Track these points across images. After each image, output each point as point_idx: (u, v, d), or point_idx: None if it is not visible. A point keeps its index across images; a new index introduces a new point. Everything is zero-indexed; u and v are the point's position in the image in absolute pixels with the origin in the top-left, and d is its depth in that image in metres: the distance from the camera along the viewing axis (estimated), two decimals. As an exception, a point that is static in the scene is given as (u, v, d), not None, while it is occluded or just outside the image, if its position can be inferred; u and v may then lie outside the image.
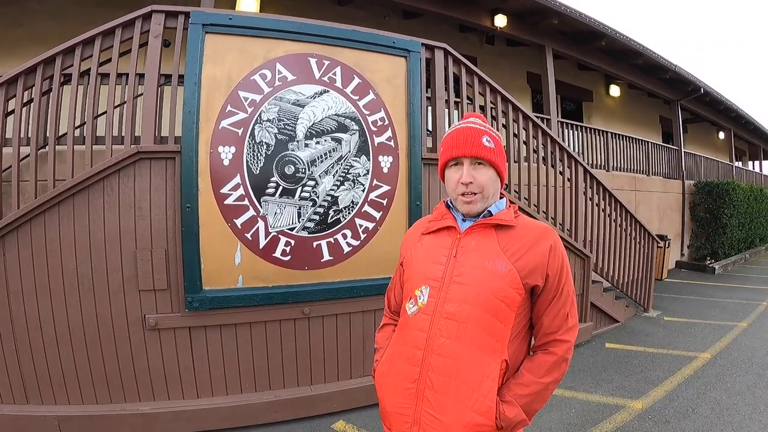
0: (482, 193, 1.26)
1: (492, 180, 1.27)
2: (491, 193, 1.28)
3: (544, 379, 1.21)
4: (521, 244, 1.24)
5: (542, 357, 1.23)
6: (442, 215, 1.33)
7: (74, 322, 2.74)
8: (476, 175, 1.25)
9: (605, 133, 8.39)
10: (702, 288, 7.73)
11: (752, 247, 11.67)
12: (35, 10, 5.12)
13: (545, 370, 1.21)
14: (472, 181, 1.24)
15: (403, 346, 1.28)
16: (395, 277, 1.50)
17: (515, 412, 1.17)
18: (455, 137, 1.27)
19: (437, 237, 1.32)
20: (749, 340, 4.78)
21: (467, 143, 1.25)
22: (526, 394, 1.19)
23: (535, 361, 1.23)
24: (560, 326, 1.24)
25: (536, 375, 1.21)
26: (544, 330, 1.25)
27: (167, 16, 2.97)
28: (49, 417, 2.68)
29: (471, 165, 1.25)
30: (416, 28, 6.80)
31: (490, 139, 1.26)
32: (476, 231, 1.27)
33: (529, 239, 1.25)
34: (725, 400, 3.36)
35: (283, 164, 3.02)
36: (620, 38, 7.67)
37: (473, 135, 1.25)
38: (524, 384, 1.20)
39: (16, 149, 2.81)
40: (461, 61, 3.83)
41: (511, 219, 1.27)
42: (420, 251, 1.33)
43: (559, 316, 1.24)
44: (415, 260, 1.32)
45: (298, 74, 3.08)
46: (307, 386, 3.20)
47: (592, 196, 5.11)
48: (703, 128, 14.26)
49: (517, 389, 1.20)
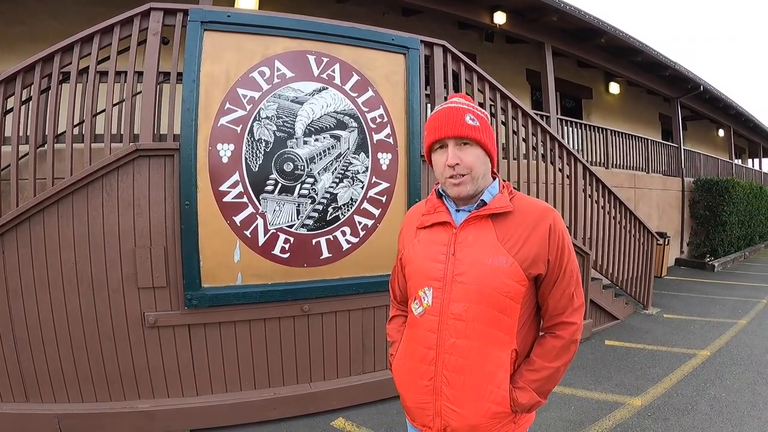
0: (471, 174, 1.21)
1: (480, 159, 1.22)
2: (481, 174, 1.23)
3: (554, 363, 1.22)
4: (520, 232, 1.20)
5: (551, 341, 1.24)
6: (434, 208, 1.29)
7: (73, 320, 2.74)
8: (462, 155, 1.20)
9: (605, 130, 8.39)
10: (701, 285, 7.73)
11: (752, 244, 11.67)
12: (35, 8, 5.11)
13: (554, 355, 1.22)
14: (458, 162, 1.19)
15: (416, 345, 1.28)
16: (396, 269, 1.49)
17: (529, 397, 1.21)
18: (437, 119, 1.23)
19: (432, 232, 1.28)
20: (749, 338, 4.79)
21: (450, 123, 1.20)
22: (538, 378, 1.22)
23: (544, 345, 1.24)
24: (566, 307, 1.23)
25: (546, 360, 1.22)
26: (551, 312, 1.25)
27: (166, 13, 2.96)
28: (49, 415, 2.68)
29: (456, 146, 1.20)
30: (415, 25, 6.80)
31: (474, 117, 1.21)
32: (472, 224, 1.23)
33: (527, 224, 1.21)
34: (724, 398, 3.36)
35: (282, 161, 3.02)
36: (620, 35, 7.66)
37: (456, 114, 1.20)
38: (535, 369, 1.22)
39: (15, 147, 2.81)
40: (460, 58, 3.82)
41: (506, 205, 1.22)
42: (417, 248, 1.30)
43: (565, 297, 1.23)
44: (414, 258, 1.30)
45: (297, 71, 3.08)
46: (307, 383, 3.20)
47: (592, 193, 5.11)
48: (702, 126, 14.26)
49: (529, 375, 1.22)
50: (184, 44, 2.88)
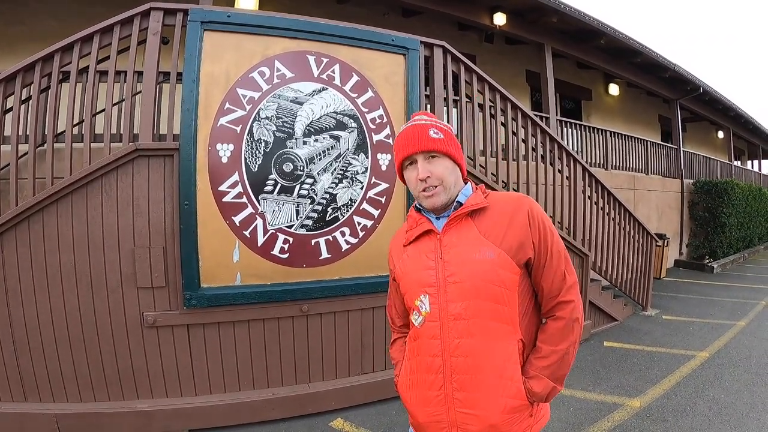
0: (442, 184, 1.25)
1: (449, 170, 1.27)
2: (452, 183, 1.27)
3: (560, 346, 1.23)
4: (500, 224, 1.23)
5: (552, 325, 1.25)
6: (416, 222, 1.33)
7: (72, 319, 2.74)
8: (432, 168, 1.25)
9: (604, 131, 8.39)
10: (700, 287, 7.73)
11: (751, 246, 11.67)
12: (35, 8, 5.11)
13: (559, 337, 1.23)
14: (429, 175, 1.24)
15: (420, 357, 1.27)
16: (391, 293, 1.52)
17: (543, 385, 1.22)
18: (404, 137, 1.28)
19: (419, 244, 1.31)
20: (748, 339, 4.79)
21: (415, 139, 1.25)
22: (548, 365, 1.22)
23: (547, 330, 1.25)
24: (560, 287, 1.24)
25: (552, 344, 1.23)
26: (547, 295, 1.26)
27: (166, 13, 2.97)
28: (48, 415, 2.68)
29: (425, 159, 1.25)
30: (415, 26, 6.80)
31: (437, 131, 1.26)
32: (453, 225, 1.26)
33: (505, 215, 1.24)
34: (723, 399, 3.36)
35: (282, 162, 3.02)
36: (619, 37, 7.67)
37: (420, 130, 1.26)
38: (543, 356, 1.23)
39: (14, 147, 2.81)
40: (460, 59, 3.83)
41: (481, 201, 1.26)
42: (408, 263, 1.33)
43: (557, 277, 1.24)
44: (406, 272, 1.32)
45: (297, 72, 3.08)
46: (306, 384, 3.20)
47: (591, 194, 5.11)
48: (702, 127, 14.27)
49: (538, 362, 1.23)
50: (184, 44, 2.88)
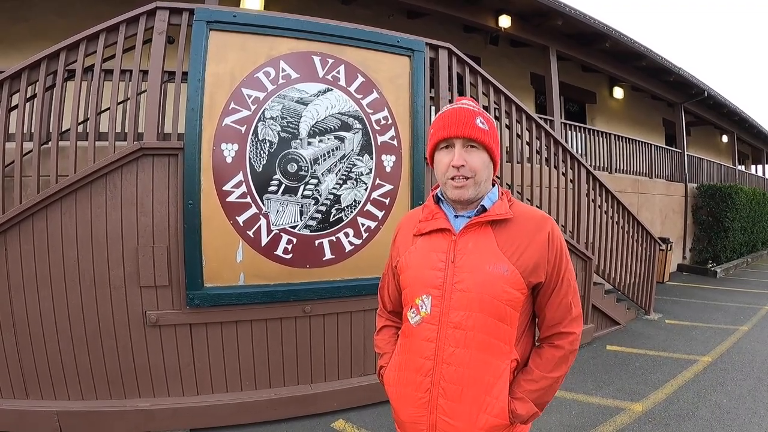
0: (474, 177, 1.18)
1: (485, 164, 1.19)
2: (484, 179, 1.20)
3: (552, 374, 1.20)
4: (520, 240, 1.18)
5: (549, 351, 1.22)
6: (432, 214, 1.26)
7: (75, 317, 2.74)
8: (468, 157, 1.17)
9: (608, 135, 8.38)
10: (704, 291, 7.70)
11: (754, 251, 11.64)
12: (39, 6, 5.13)
13: (553, 365, 1.20)
14: (463, 164, 1.16)
15: (411, 356, 1.24)
16: (387, 276, 1.46)
17: (527, 408, 1.18)
18: (447, 117, 1.19)
19: (431, 239, 1.24)
20: (750, 344, 4.77)
21: (460, 123, 1.16)
22: (536, 389, 1.19)
23: (542, 356, 1.22)
24: (564, 317, 1.22)
25: (545, 370, 1.20)
26: (548, 322, 1.23)
27: (171, 12, 2.97)
28: (49, 412, 2.68)
29: (463, 147, 1.17)
30: (420, 28, 6.80)
31: (484, 121, 1.19)
32: (472, 231, 1.20)
33: (527, 233, 1.19)
34: (726, 404, 3.35)
35: (286, 162, 3.02)
36: (624, 40, 7.65)
37: (466, 115, 1.18)
38: (534, 380, 1.20)
39: (18, 144, 2.81)
40: (465, 61, 3.82)
41: (506, 212, 1.20)
42: (414, 256, 1.26)
43: (562, 307, 1.21)
44: (411, 266, 1.26)
45: (302, 72, 3.08)
46: (308, 384, 3.19)
47: (595, 197, 5.10)
48: (706, 131, 14.23)
49: (527, 385, 1.20)
50: (190, 44, 2.88)
